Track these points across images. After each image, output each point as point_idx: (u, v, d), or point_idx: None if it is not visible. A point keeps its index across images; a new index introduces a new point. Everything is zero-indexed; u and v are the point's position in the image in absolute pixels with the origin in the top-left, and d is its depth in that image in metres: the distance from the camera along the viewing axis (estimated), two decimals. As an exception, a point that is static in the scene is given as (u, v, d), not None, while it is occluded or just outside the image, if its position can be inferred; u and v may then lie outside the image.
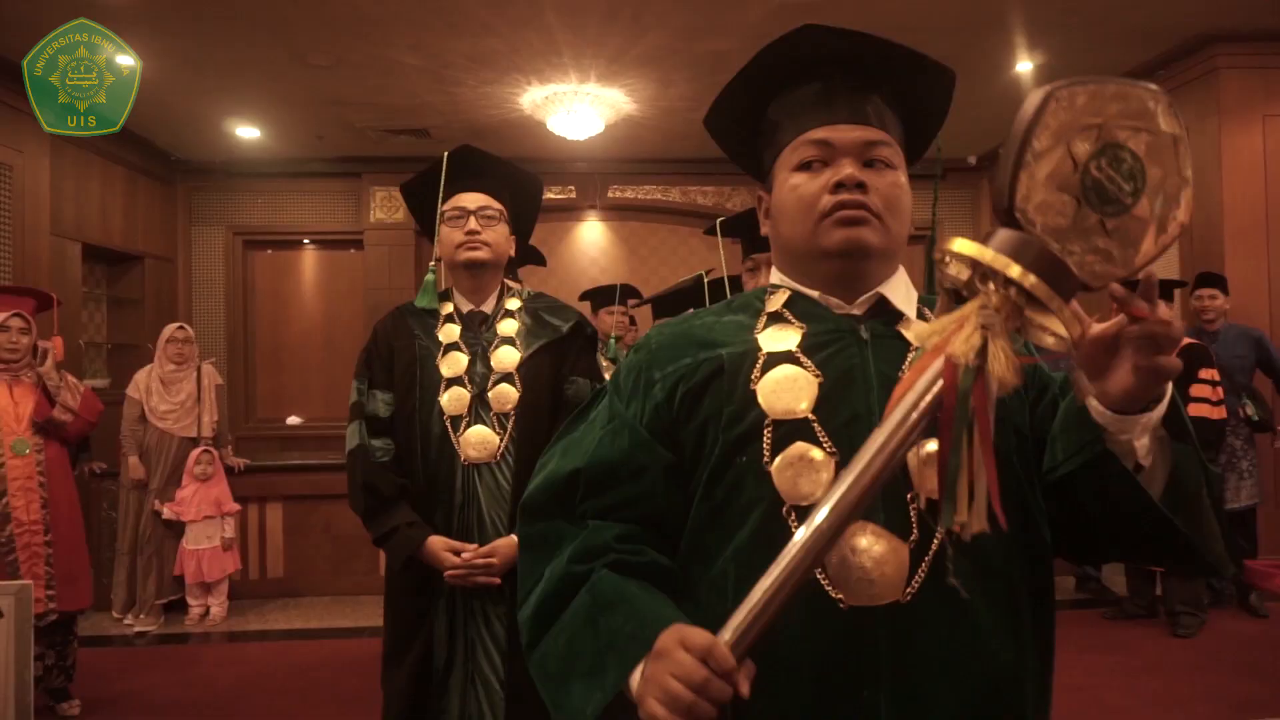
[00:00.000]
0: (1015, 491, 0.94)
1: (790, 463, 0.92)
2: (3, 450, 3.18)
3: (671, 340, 1.04)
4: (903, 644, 0.88)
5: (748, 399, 0.95)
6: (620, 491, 0.98)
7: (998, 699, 0.91)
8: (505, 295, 2.07)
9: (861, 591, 0.88)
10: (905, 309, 1.01)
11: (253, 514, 5.07)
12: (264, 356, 7.66)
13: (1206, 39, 4.86)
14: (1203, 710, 3.27)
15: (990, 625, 0.90)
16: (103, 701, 3.49)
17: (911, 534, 0.89)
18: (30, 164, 5.32)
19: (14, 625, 1.68)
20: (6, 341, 3.23)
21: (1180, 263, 5.24)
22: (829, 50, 1.02)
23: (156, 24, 4.55)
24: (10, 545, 3.14)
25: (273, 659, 4.10)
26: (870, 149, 0.99)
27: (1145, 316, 0.78)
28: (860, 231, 0.97)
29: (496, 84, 5.48)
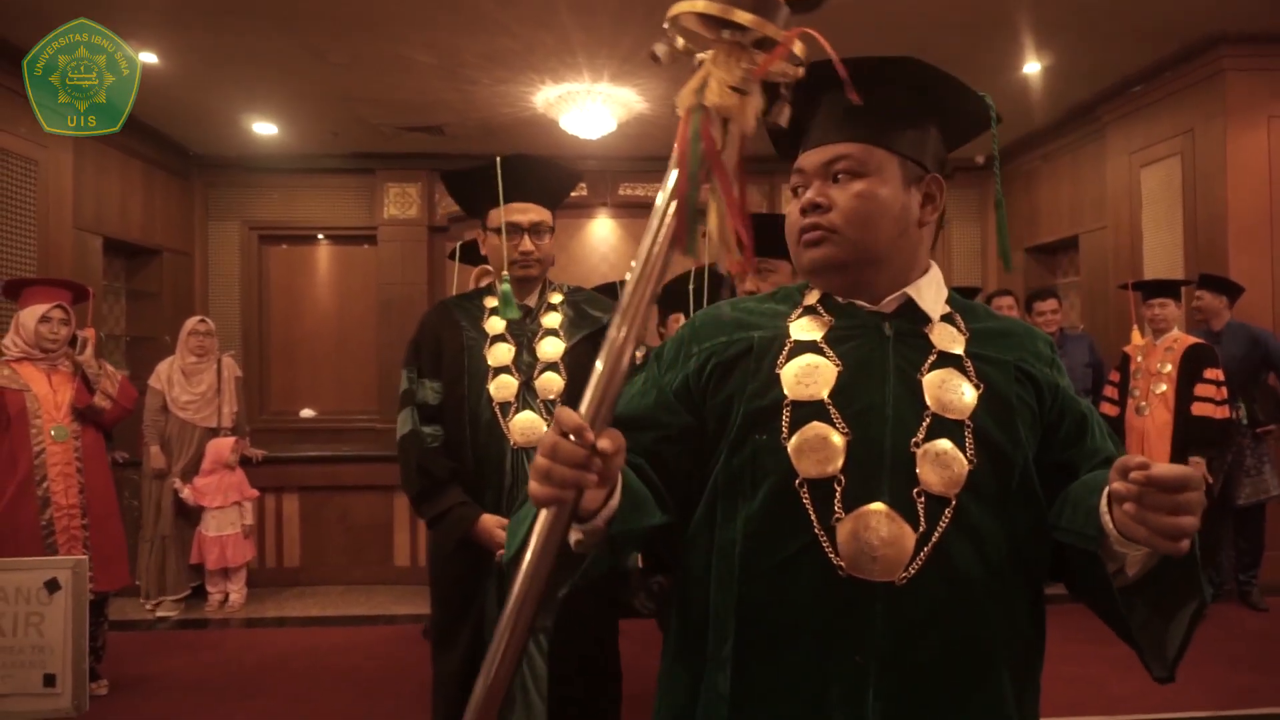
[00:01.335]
0: (1025, 477, 1.01)
1: (806, 440, 0.98)
2: (43, 436, 3.28)
3: (713, 320, 1.13)
4: (896, 617, 0.94)
5: (772, 380, 1.03)
6: (635, 438, 1.04)
7: (984, 677, 0.97)
8: (548, 290, 2.18)
9: (863, 565, 0.95)
10: (931, 311, 1.07)
11: (269, 504, 5.18)
12: (278, 350, 7.76)
13: (1212, 40, 4.90)
14: (1203, 700, 3.34)
15: (983, 608, 0.97)
16: (128, 682, 3.59)
17: (920, 525, 0.96)
18: (53, 159, 5.42)
19: (71, 596, 1.79)
20: (49, 332, 3.34)
21: (1185, 262, 5.30)
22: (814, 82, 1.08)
23: (176, 21, 4.64)
24: (50, 528, 3.25)
25: (290, 644, 4.20)
26: (833, 165, 1.05)
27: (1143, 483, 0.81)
28: (819, 251, 1.04)
29: (510, 82, 5.55)
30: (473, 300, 2.20)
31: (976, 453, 0.99)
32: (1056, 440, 1.05)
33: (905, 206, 1.06)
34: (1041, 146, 6.89)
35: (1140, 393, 4.30)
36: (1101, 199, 6.17)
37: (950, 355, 1.04)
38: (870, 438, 0.98)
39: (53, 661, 1.80)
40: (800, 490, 0.98)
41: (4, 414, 3.20)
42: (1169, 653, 0.98)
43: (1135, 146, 5.73)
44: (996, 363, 1.06)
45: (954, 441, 0.98)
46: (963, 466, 0.98)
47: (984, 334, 1.09)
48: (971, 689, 0.97)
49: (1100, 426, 1.11)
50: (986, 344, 1.07)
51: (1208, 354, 4.17)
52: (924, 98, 1.09)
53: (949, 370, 1.03)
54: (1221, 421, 4.10)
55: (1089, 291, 6.49)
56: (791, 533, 0.97)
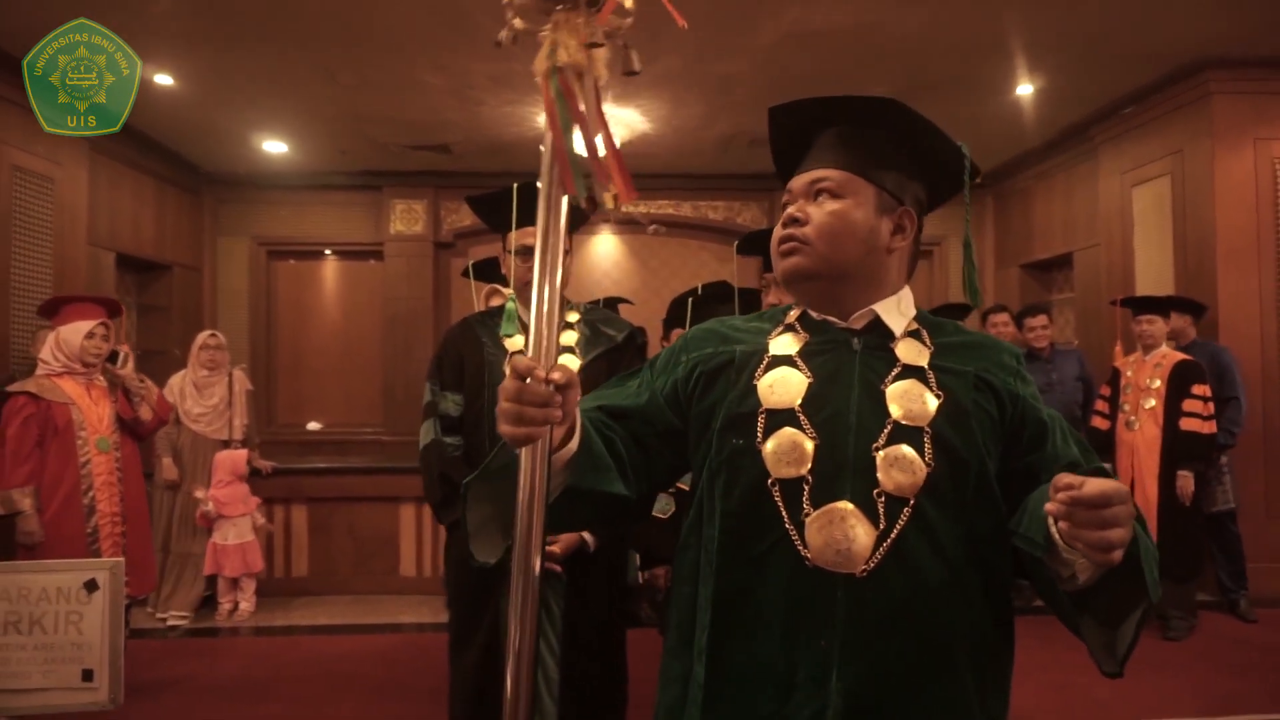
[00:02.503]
0: (981, 480, 1.09)
1: (779, 444, 1.09)
2: (89, 448, 3.42)
3: (703, 334, 1.27)
4: (857, 606, 1.04)
5: (749, 389, 1.15)
6: (625, 426, 1.19)
7: (942, 668, 1.05)
8: (564, 308, 2.28)
9: (828, 558, 1.05)
10: (896, 327, 1.18)
11: (278, 515, 5.28)
12: (285, 363, 7.88)
13: (1200, 64, 5.03)
14: (1189, 706, 3.42)
15: (941, 603, 1.05)
16: (142, 688, 3.68)
17: (880, 523, 1.05)
18: (69, 176, 5.54)
19: (109, 596, 1.90)
20: (92, 347, 3.49)
21: (1175, 279, 5.41)
22: (790, 122, 1.25)
23: (191, 42, 4.78)
24: (95, 535, 3.41)
25: (299, 652, 4.29)
26: (815, 185, 1.19)
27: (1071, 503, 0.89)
28: (791, 260, 1.17)
29: (517, 103, 5.69)
30: (493, 317, 2.31)
31: (935, 457, 1.07)
32: (1019, 446, 1.13)
33: (875, 231, 1.17)
34: (1036, 165, 7.02)
35: (1130, 407, 4.40)
36: (1094, 217, 6.29)
37: (913, 367, 1.14)
38: (835, 443, 1.08)
39: (91, 657, 1.91)
40: (773, 489, 1.08)
41: (51, 426, 3.35)
42: (1119, 651, 1.05)
43: (1126, 166, 5.85)
44: (957, 373, 1.14)
45: (913, 447, 1.07)
46: (921, 470, 1.06)
47: (948, 348, 1.18)
48: (930, 678, 1.05)
49: (1064, 432, 1.18)
50: (949, 357, 1.16)
51: (1196, 370, 4.27)
52: (905, 139, 1.21)
53: (912, 381, 1.12)
54: (1209, 436, 4.20)
55: (1083, 308, 6.60)
56: (765, 528, 1.08)
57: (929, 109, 4.46)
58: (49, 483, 3.36)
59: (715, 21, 4.51)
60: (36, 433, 3.37)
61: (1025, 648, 4.68)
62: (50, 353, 3.52)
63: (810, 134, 1.24)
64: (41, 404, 3.40)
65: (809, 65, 5.07)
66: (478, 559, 1.15)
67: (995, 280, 7.83)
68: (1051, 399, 4.91)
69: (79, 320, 3.50)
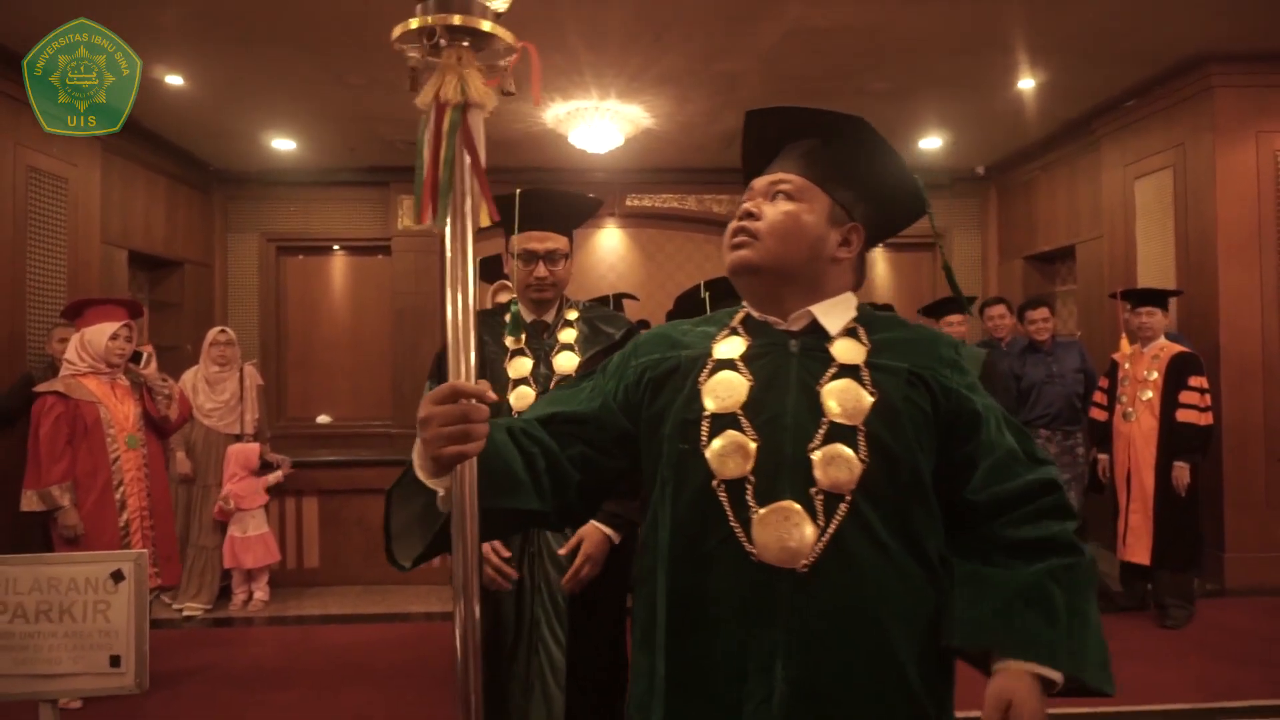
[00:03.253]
0: (915, 475, 1.14)
1: (723, 447, 1.15)
2: (118, 445, 3.53)
3: (652, 339, 1.33)
4: (800, 598, 1.10)
5: (694, 394, 1.20)
6: (577, 432, 1.25)
7: (882, 652, 1.10)
8: (565, 307, 2.35)
9: (774, 554, 1.10)
10: (832, 328, 1.22)
11: (290, 507, 5.38)
12: (295, 357, 7.98)
13: (1201, 59, 5.05)
14: (1183, 694, 3.48)
15: (880, 591, 1.11)
16: (161, 677, 3.77)
17: (818, 519, 1.11)
18: (82, 176, 5.63)
19: (134, 586, 1.99)
20: (116, 348, 3.60)
21: (1176, 272, 5.45)
22: (763, 127, 1.31)
23: (203, 44, 4.85)
24: (127, 529, 3.54)
25: (311, 641, 4.39)
26: (774, 186, 1.24)
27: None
28: (740, 253, 1.22)
29: (521, 100, 5.74)
30: (495, 316, 2.38)
31: (869, 454, 1.12)
32: (955, 439, 1.17)
33: (823, 238, 1.22)
34: (1039, 158, 7.04)
35: (1127, 399, 4.46)
36: (1097, 210, 6.33)
37: (849, 366, 1.18)
38: (774, 444, 1.14)
39: (118, 644, 2.01)
40: (718, 490, 1.14)
41: (81, 424, 3.46)
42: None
43: (1129, 159, 5.89)
44: (891, 370, 1.18)
45: (848, 445, 1.12)
46: (857, 467, 1.11)
47: (886, 344, 1.21)
48: (871, 665, 1.10)
49: (1000, 421, 1.21)
50: (886, 354, 1.20)
51: (1193, 362, 4.33)
52: (868, 161, 1.27)
53: (847, 380, 1.16)
54: (1205, 428, 4.25)
55: (1085, 300, 6.64)
56: (712, 527, 1.13)
57: (932, 105, 4.62)
58: (83, 479, 3.50)
59: (718, 21, 4.56)
60: (67, 431, 3.48)
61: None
62: (75, 353, 3.62)
63: (780, 141, 1.30)
64: (70, 403, 3.51)
65: (812, 63, 5.12)
66: (397, 560, 1.21)
67: (999, 272, 7.87)
68: (1052, 391, 4.96)
69: (103, 322, 3.61)
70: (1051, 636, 1.08)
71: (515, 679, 2.14)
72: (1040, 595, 1.09)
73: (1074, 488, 4.88)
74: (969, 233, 8.03)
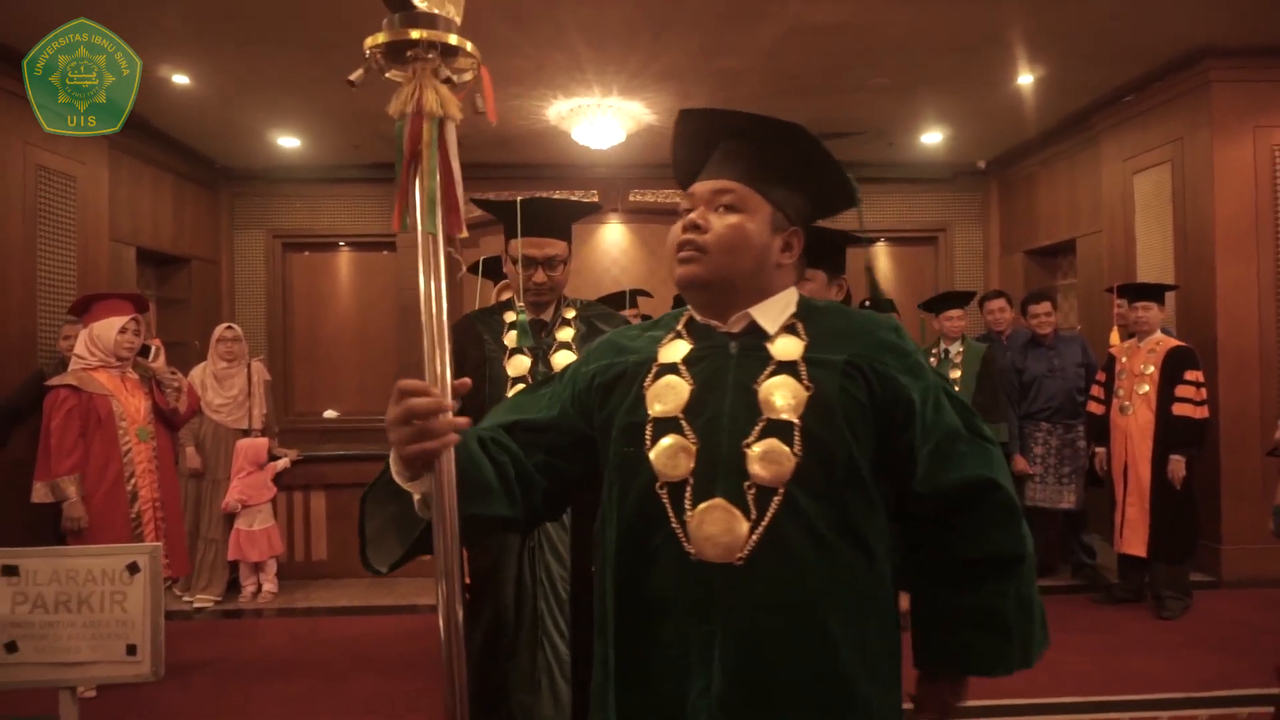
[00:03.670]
0: (851, 466, 1.17)
1: (664, 450, 1.18)
2: (129, 437, 3.61)
3: (603, 346, 1.36)
4: (737, 591, 1.14)
5: (639, 399, 1.23)
6: (542, 440, 1.29)
7: (818, 639, 1.15)
8: (562, 306, 2.41)
9: (707, 551, 1.15)
10: (769, 327, 1.24)
11: (298, 501, 5.46)
12: (302, 353, 8.06)
13: (1199, 53, 5.08)
14: (1180, 685, 3.53)
15: (816, 580, 1.14)
16: (173, 667, 3.84)
17: (750, 514, 1.14)
18: (90, 174, 5.70)
19: (149, 577, 2.06)
20: (125, 342, 3.67)
21: (1175, 266, 5.48)
22: (698, 127, 1.31)
23: (208, 43, 4.91)
24: (139, 520, 3.62)
25: (320, 633, 4.47)
26: (718, 196, 1.24)
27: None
28: (690, 268, 1.23)
29: (524, 98, 5.81)
30: (494, 315, 2.44)
31: (802, 448, 1.14)
32: (893, 427, 1.20)
33: (767, 247, 1.24)
34: (1039, 152, 7.07)
35: (1124, 393, 4.50)
36: (1097, 204, 6.36)
37: (786, 363, 1.20)
38: (712, 444, 1.17)
39: (134, 634, 2.08)
40: (660, 492, 1.18)
41: (94, 416, 3.53)
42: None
43: (1128, 154, 5.91)
44: (827, 364, 1.20)
45: (782, 440, 1.15)
46: (790, 461, 1.14)
47: (824, 336, 1.23)
48: (808, 654, 1.14)
49: (938, 402, 1.23)
50: (823, 346, 1.22)
51: (1189, 356, 4.37)
52: (805, 163, 1.28)
53: (784, 377, 1.19)
54: (1200, 422, 4.29)
55: (1086, 294, 6.67)
56: (654, 527, 1.18)
57: (932, 100, 4.71)
58: (94, 471, 3.56)
59: (716, 19, 4.60)
60: (79, 424, 3.55)
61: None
62: (85, 348, 3.69)
63: (713, 143, 1.29)
64: (83, 395, 3.58)
65: (811, 60, 5.16)
66: (372, 565, 1.25)
67: (1000, 266, 7.90)
68: (1054, 385, 5.00)
69: (110, 316, 3.67)
70: (1007, 650, 1.21)
71: (519, 674, 2.19)
72: (993, 617, 1.20)
73: (1075, 481, 4.93)
74: (970, 227, 8.07)
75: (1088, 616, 4.48)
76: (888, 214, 8.05)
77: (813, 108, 6.08)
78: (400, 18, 1.13)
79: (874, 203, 8.03)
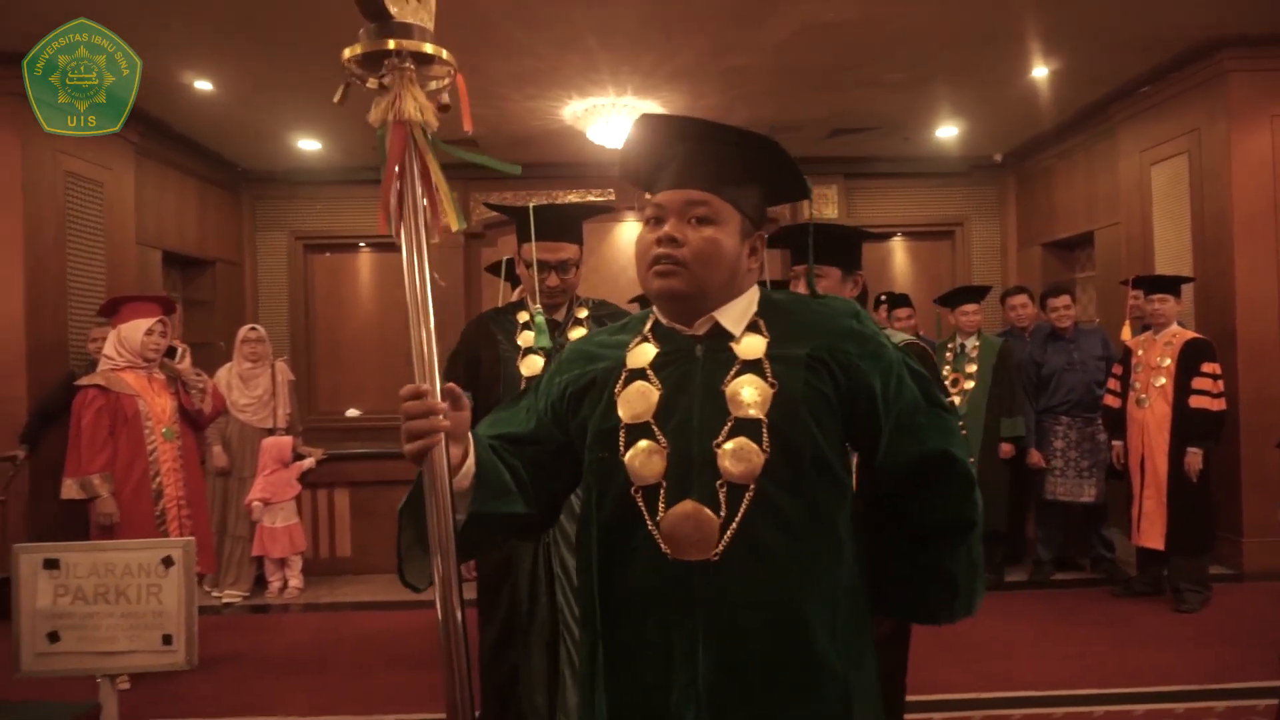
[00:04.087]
0: (818, 459, 1.22)
1: (637, 455, 1.23)
2: (155, 437, 3.71)
3: (573, 354, 1.41)
4: (713, 586, 1.19)
5: (611, 406, 1.27)
6: (527, 453, 1.34)
7: (794, 625, 1.20)
8: (575, 305, 2.47)
9: (683, 549, 1.19)
10: (734, 328, 1.28)
11: (322, 499, 5.56)
12: (324, 352, 8.17)
13: (1215, 43, 5.05)
14: (1189, 676, 3.53)
15: (789, 570, 1.19)
16: (204, 659, 3.93)
17: (721, 510, 1.19)
18: (117, 180, 5.82)
19: (183, 570, 2.15)
20: (151, 343, 3.77)
21: (1193, 257, 5.45)
22: (662, 132, 1.32)
23: (230, 50, 5.01)
24: (163, 518, 3.73)
25: (345, 627, 4.57)
26: (691, 208, 1.25)
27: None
28: (670, 281, 1.25)
29: (539, 99, 5.87)
30: (507, 315, 2.50)
31: (770, 444, 1.19)
32: (857, 412, 1.25)
33: (738, 256, 1.28)
34: (1056, 145, 7.05)
35: (1140, 385, 4.49)
36: (1115, 196, 6.33)
37: (750, 362, 1.24)
38: (684, 447, 1.22)
39: (169, 624, 2.17)
40: (635, 495, 1.22)
41: (121, 416, 3.64)
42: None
43: (1145, 145, 5.89)
44: (790, 360, 1.24)
45: (751, 438, 1.19)
46: (759, 457, 1.18)
47: (787, 331, 1.27)
48: (785, 639, 1.19)
49: (900, 378, 1.27)
50: (786, 342, 1.26)
51: (1206, 348, 4.35)
52: (764, 163, 1.31)
53: (749, 376, 1.23)
54: (1218, 414, 4.28)
55: (1104, 286, 6.65)
56: (632, 529, 1.23)
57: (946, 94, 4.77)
58: (121, 469, 3.67)
59: (726, 18, 4.64)
60: (108, 423, 3.66)
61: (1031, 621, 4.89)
62: (113, 349, 3.79)
63: (673, 145, 1.30)
64: (111, 396, 3.68)
65: (823, 56, 5.18)
66: (409, 583, 1.29)
67: (1018, 260, 7.88)
68: (1073, 378, 4.99)
69: (137, 319, 3.77)
70: (955, 603, 1.32)
71: (528, 670, 2.25)
72: (946, 575, 1.31)
73: (1096, 475, 4.91)
74: (987, 220, 8.05)
75: (1105, 610, 4.49)
76: (904, 208, 8.04)
77: (826, 103, 6.11)
78: (375, 29, 1.18)
79: (890, 197, 8.04)
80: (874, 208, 8.01)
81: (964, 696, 3.39)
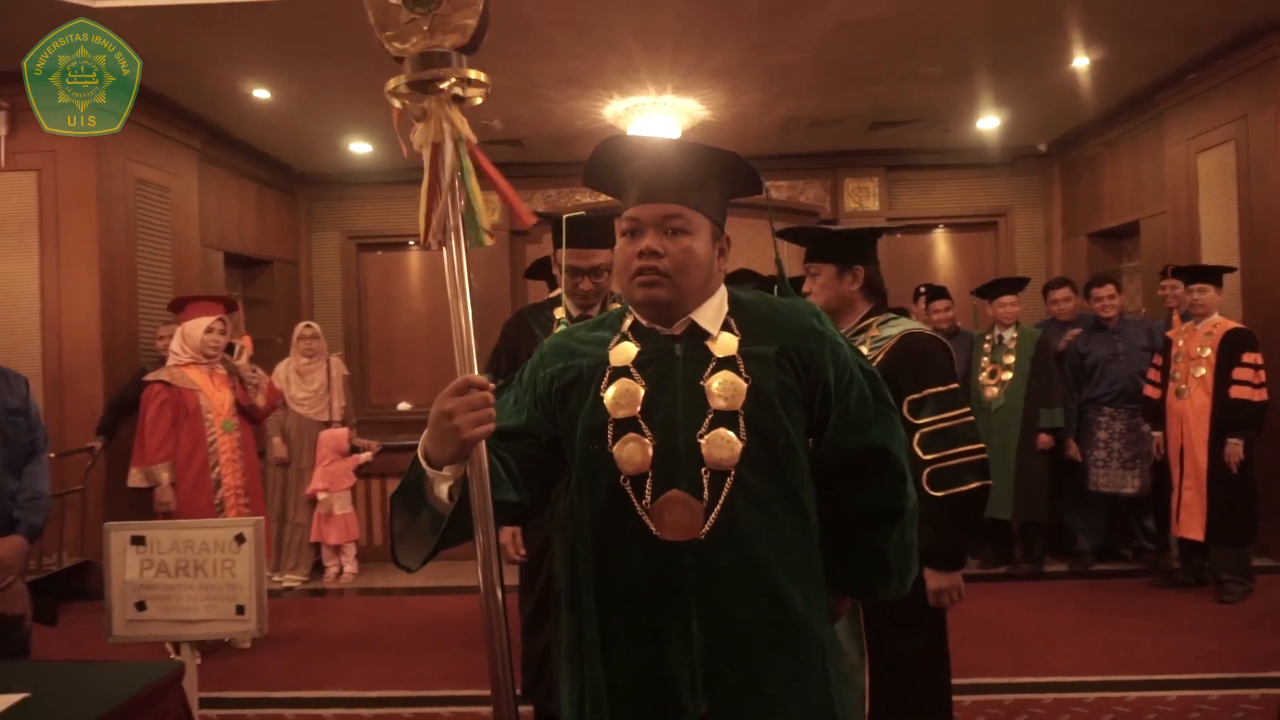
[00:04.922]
0: (788, 445, 1.34)
1: (625, 448, 1.33)
2: (215, 429, 3.95)
3: (554, 348, 1.49)
4: (703, 565, 1.30)
5: (597, 401, 1.37)
6: (513, 447, 1.43)
7: (774, 594, 1.32)
8: (609, 303, 2.61)
9: (673, 532, 1.31)
10: (710, 328, 1.38)
11: (375, 489, 5.78)
12: (376, 348, 8.44)
13: (1263, 28, 4.97)
14: (1227, 664, 3.54)
15: (766, 545, 1.32)
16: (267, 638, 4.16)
17: (704, 494, 1.30)
18: (182, 185, 6.13)
19: (254, 547, 2.35)
20: (211, 340, 4.01)
21: (1239, 247, 5.38)
22: (632, 150, 1.43)
23: (286, 59, 5.24)
24: (222, 506, 3.95)
25: (398, 610, 4.78)
26: (668, 220, 1.34)
27: None
28: (654, 291, 1.35)
29: (581, 99, 6.01)
30: (544, 311, 2.65)
31: (747, 434, 1.31)
32: (815, 405, 1.38)
33: (711, 260, 1.39)
34: (1102, 134, 6.97)
35: (1180, 376, 4.47)
36: (1161, 185, 6.25)
37: (726, 359, 1.36)
38: (669, 440, 1.33)
39: (242, 595, 2.38)
40: (625, 486, 1.33)
41: (183, 409, 3.88)
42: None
43: (1191, 133, 5.81)
44: (760, 357, 1.36)
45: (730, 428, 1.32)
46: (737, 446, 1.31)
47: (756, 330, 1.38)
48: (768, 605, 1.32)
49: (851, 374, 1.40)
50: (756, 340, 1.37)
51: (1247, 338, 4.32)
52: (727, 173, 1.42)
53: (726, 372, 1.35)
54: (1260, 404, 4.24)
55: (1150, 277, 6.56)
56: (622, 517, 1.33)
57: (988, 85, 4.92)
58: (183, 460, 3.91)
59: (765, 16, 4.72)
60: (171, 416, 3.90)
61: (1069, 610, 4.92)
62: (178, 345, 4.04)
63: (644, 163, 1.39)
64: (174, 390, 3.93)
65: (863, 51, 5.22)
66: (401, 563, 1.37)
67: (1063, 249, 7.80)
68: (1116, 368, 4.96)
69: (200, 316, 4.01)
70: (887, 582, 1.48)
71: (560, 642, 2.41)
72: (878, 557, 1.46)
73: (1139, 466, 4.89)
74: (1032, 211, 7.98)
75: (1146, 600, 4.49)
76: (946, 200, 8.02)
77: (865, 97, 6.14)
78: (418, 59, 1.28)
79: (932, 189, 8.02)
80: (916, 200, 8.00)
81: (995, 680, 3.46)
